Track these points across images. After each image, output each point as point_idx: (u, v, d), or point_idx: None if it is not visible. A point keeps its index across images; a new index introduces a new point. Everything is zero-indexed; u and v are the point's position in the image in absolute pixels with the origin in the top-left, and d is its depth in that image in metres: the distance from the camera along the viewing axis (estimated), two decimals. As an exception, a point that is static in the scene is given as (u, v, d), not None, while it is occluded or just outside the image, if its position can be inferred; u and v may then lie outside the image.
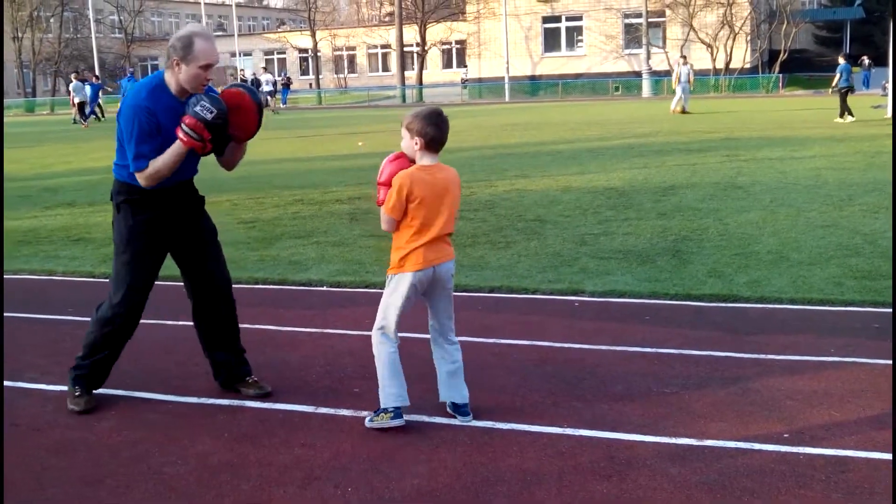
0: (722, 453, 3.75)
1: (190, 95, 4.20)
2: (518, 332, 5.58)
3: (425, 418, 4.21)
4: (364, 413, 4.27)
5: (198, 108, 4.07)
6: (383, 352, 4.09)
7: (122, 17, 68.95)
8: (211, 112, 4.07)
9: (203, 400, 4.56)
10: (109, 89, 47.29)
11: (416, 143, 3.98)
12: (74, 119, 36.02)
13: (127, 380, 4.86)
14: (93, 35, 58.53)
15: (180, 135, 4.10)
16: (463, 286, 6.64)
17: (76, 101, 35.89)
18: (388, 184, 4.01)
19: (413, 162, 4.06)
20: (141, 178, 4.18)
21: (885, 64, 24.42)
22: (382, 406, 4.09)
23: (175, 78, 4.19)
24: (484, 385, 4.60)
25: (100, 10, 66.60)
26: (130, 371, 5.02)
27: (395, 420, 4.06)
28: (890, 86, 24.36)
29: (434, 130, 3.95)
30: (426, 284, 4.07)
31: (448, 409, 4.23)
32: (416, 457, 3.82)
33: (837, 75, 24.28)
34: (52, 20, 63.57)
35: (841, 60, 24.71)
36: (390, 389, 4.06)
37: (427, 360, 4.35)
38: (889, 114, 23.28)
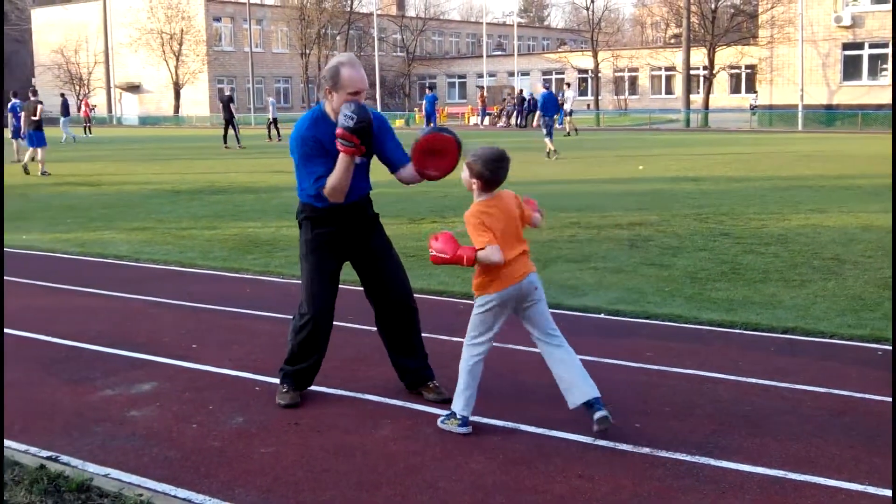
0: None
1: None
2: (813, 377, 5.29)
3: (712, 461, 4.07)
4: (645, 450, 4.20)
5: (342, 119, 4.51)
6: (466, 359, 4.51)
7: (404, 36, 72.74)
8: (352, 119, 4.49)
9: (478, 419, 4.61)
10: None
11: (475, 183, 4.45)
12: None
13: (403, 391, 5.06)
14: (375, 53, 62.17)
15: (338, 146, 4.58)
16: (753, 324, 6.45)
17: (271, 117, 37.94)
18: (454, 253, 4.37)
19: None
20: (328, 195, 4.72)
21: None
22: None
23: (330, 105, 4.74)
24: (775, 431, 4.43)
25: (383, 28, 70.73)
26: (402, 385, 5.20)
27: (462, 428, 4.41)
28: None
29: (491, 175, 4.42)
30: (514, 301, 4.44)
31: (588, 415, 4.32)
32: (700, 501, 3.70)
33: None
34: (337, 38, 68.25)
35: None
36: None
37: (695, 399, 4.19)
38: None
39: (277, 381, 5.05)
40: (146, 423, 4.58)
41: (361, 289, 7.77)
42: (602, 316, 6.88)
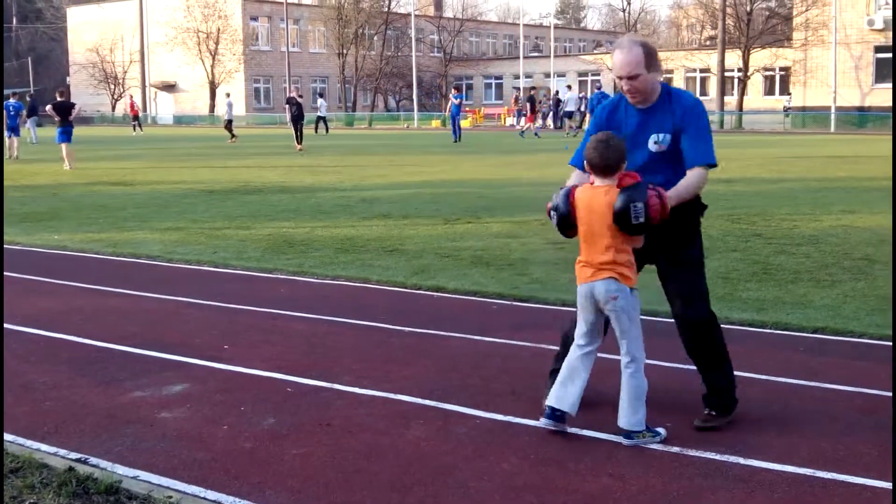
0: None
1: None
2: (844, 377, 5.32)
3: (741, 460, 4.11)
4: (675, 449, 4.23)
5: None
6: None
7: (441, 37, 72.88)
8: (553, 210, 4.47)
9: (509, 418, 4.65)
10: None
11: (586, 165, 4.37)
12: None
13: (435, 391, 5.08)
14: (413, 53, 62.35)
15: None
16: (784, 324, 6.51)
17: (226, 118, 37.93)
18: None
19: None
20: None
21: None
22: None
23: None
24: (805, 430, 4.47)
25: (421, 28, 70.90)
26: (438, 382, 5.25)
27: (545, 420, 4.44)
28: None
29: (594, 155, 4.27)
30: (588, 300, 4.38)
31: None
32: (730, 499, 3.72)
33: None
34: (375, 38, 68.54)
35: None
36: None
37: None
38: None
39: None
40: (176, 425, 4.61)
41: (391, 289, 8.01)
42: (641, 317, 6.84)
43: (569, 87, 47.44)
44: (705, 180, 4.40)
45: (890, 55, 46.36)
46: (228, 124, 38.02)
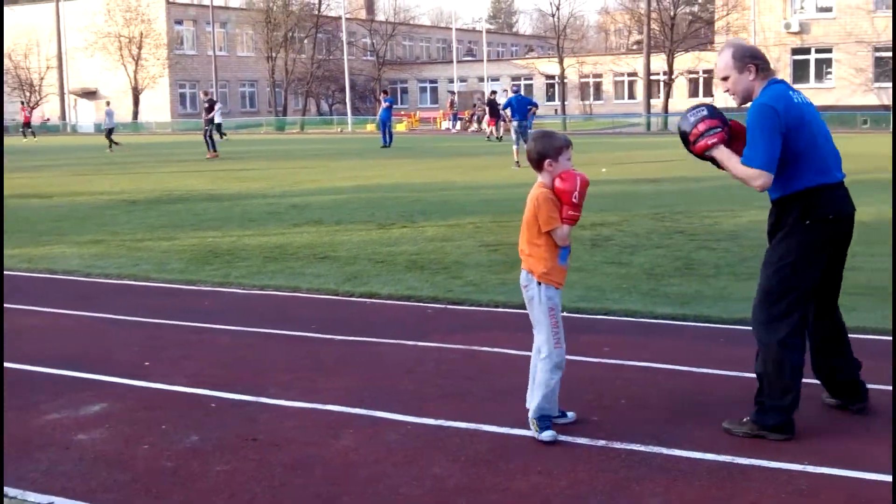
0: None
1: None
2: None
3: (664, 450, 4.27)
4: (601, 442, 4.37)
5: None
6: None
7: (374, 41, 72.79)
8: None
9: (441, 422, 4.66)
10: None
11: None
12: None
13: (365, 399, 5.05)
14: (345, 57, 62.16)
15: None
16: (705, 317, 6.82)
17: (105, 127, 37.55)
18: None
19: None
20: None
21: None
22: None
23: None
24: (725, 418, 4.62)
25: (353, 32, 70.71)
26: (369, 390, 5.22)
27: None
28: None
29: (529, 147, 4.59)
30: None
31: None
32: (653, 489, 3.86)
33: None
34: (305, 41, 68.14)
35: None
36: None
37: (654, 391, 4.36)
38: None
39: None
40: (94, 447, 4.49)
41: (322, 297, 7.96)
42: (563, 314, 6.92)
43: (505, 90, 47.50)
44: (751, 175, 4.35)
45: (805, 56, 50.42)
46: (109, 133, 37.51)
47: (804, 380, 4.47)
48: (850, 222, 4.48)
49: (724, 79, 4.54)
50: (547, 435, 4.38)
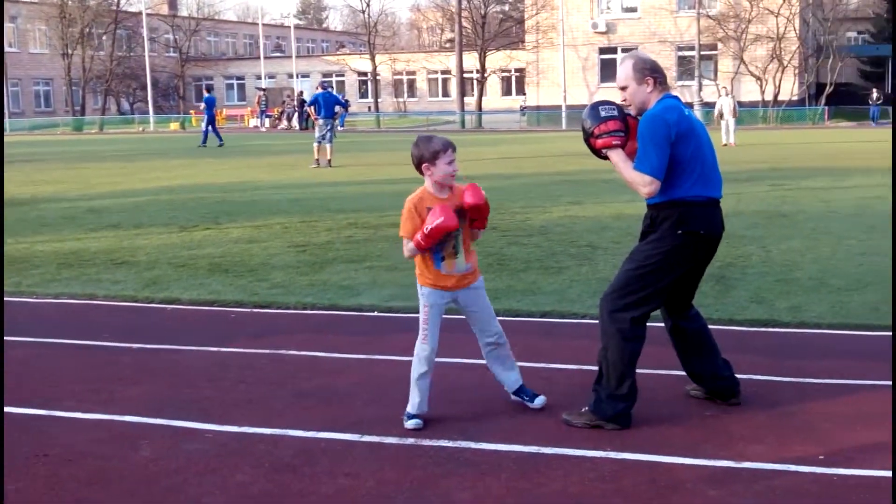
0: (759, 475, 3.96)
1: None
2: (568, 356, 5.78)
3: (472, 445, 4.34)
4: (409, 441, 4.40)
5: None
6: None
7: (177, 37, 70.65)
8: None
9: (245, 429, 4.59)
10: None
11: None
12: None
13: (165, 408, 4.91)
14: (146, 54, 60.06)
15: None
16: (515, 311, 6.95)
17: None
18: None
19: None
20: None
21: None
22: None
23: None
24: (531, 410, 4.79)
25: (154, 28, 68.38)
26: (170, 399, 5.08)
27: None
28: None
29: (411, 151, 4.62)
30: None
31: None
32: (461, 484, 3.92)
33: None
34: (104, 37, 65.38)
35: None
36: None
37: (466, 386, 4.55)
38: None
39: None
40: None
41: (120, 304, 7.66)
42: (375, 314, 7.05)
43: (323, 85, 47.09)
44: (641, 182, 4.46)
45: (612, 56, 52.14)
46: None
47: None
48: (717, 241, 4.64)
49: (623, 88, 4.66)
50: (411, 423, 4.52)
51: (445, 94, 66.04)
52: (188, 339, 6.35)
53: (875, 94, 45.96)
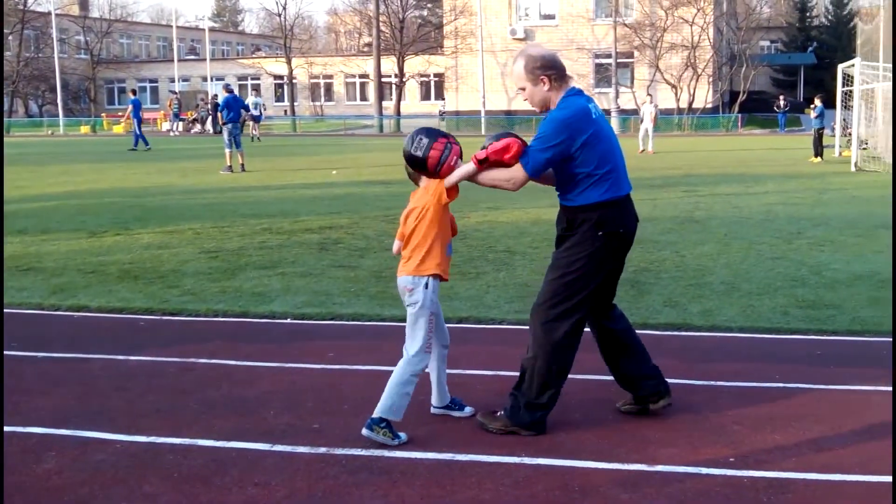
0: (671, 478, 4.04)
1: None
2: (483, 362, 5.80)
3: (386, 453, 4.33)
4: (322, 450, 4.35)
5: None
6: None
7: (88, 38, 69.08)
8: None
9: (153, 439, 4.52)
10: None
11: None
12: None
13: (72, 419, 4.82)
14: (55, 55, 58.57)
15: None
16: None
17: None
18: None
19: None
20: None
21: (834, 106, 26.07)
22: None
23: None
24: (446, 417, 4.81)
25: (65, 29, 66.76)
26: (76, 409, 4.98)
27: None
28: (838, 127, 26.42)
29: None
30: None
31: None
32: (374, 493, 3.90)
33: (815, 116, 25.14)
34: (10, 38, 63.54)
35: (818, 102, 25.60)
36: None
37: (379, 394, 4.52)
38: (838, 153, 25.40)
39: None
40: None
41: (26, 312, 7.47)
42: (288, 321, 7.00)
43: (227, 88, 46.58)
44: (508, 177, 4.59)
45: None
46: None
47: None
48: (633, 235, 4.65)
49: (521, 89, 4.54)
50: (403, 435, 4.48)
51: (363, 98, 65.90)
52: (96, 348, 6.23)
53: (782, 102, 47.13)
